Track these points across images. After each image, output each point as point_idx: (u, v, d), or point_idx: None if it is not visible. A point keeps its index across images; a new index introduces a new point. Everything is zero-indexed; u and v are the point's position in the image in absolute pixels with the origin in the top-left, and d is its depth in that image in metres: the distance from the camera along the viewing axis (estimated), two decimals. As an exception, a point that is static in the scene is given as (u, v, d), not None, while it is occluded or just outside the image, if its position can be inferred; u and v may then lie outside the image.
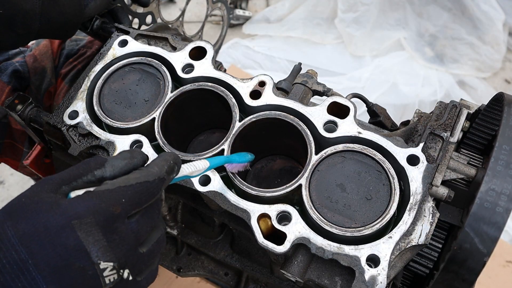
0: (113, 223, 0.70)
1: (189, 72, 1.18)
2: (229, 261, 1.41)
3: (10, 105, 1.26)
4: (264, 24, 3.77)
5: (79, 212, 0.68)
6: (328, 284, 0.96)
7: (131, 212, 0.73)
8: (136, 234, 0.74)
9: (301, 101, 1.17)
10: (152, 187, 0.76)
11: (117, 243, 0.70)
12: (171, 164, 0.81)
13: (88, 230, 0.68)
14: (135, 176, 0.76)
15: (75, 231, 0.67)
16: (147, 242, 0.78)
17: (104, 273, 0.68)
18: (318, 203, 0.99)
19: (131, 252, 0.73)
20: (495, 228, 0.86)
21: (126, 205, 0.72)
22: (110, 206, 0.70)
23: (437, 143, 1.04)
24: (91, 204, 0.70)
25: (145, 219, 0.76)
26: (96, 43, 1.60)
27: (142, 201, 0.74)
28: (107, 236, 0.69)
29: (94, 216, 0.69)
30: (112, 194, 0.72)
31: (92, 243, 0.68)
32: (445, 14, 3.51)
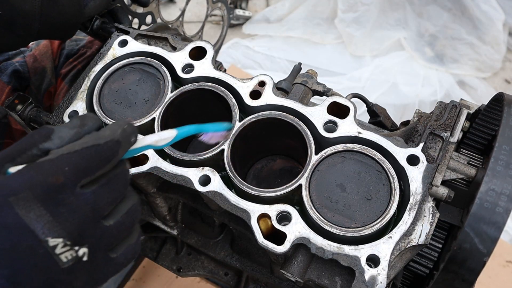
0: (57, 195, 0.63)
1: (189, 72, 1.18)
2: (229, 261, 1.41)
3: (10, 105, 1.26)
4: (264, 24, 3.77)
5: (14, 188, 0.62)
6: (328, 284, 0.96)
7: (80, 181, 0.65)
8: (92, 206, 0.66)
9: (301, 101, 1.17)
10: (104, 150, 0.67)
11: (65, 216, 0.63)
12: (125, 128, 0.72)
13: (27, 205, 0.61)
14: (82, 141, 0.68)
15: (13, 208, 0.61)
16: (114, 214, 0.70)
17: (56, 250, 0.62)
18: (318, 203, 0.99)
19: (87, 225, 0.66)
20: (495, 228, 0.86)
21: (70, 174, 0.64)
22: (49, 177, 0.63)
23: (437, 143, 1.04)
24: (27, 177, 0.63)
25: (105, 189, 0.68)
26: (96, 43, 1.60)
27: (93, 167, 0.66)
28: (50, 210, 0.62)
29: (31, 190, 0.62)
30: (53, 164, 0.64)
31: (34, 219, 0.61)
32: (445, 14, 3.51)
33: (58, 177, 0.63)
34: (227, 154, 1.07)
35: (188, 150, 1.33)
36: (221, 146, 1.08)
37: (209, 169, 1.06)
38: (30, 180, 0.62)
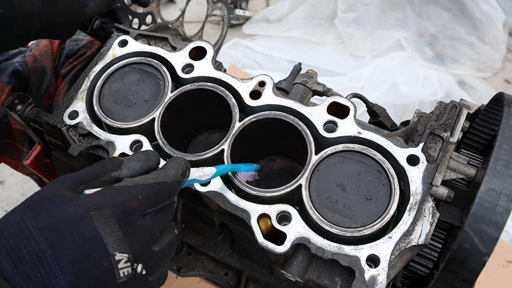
0: (129, 217, 0.73)
1: (189, 72, 1.18)
2: (229, 261, 1.41)
3: (10, 105, 1.26)
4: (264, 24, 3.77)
5: (97, 204, 0.71)
6: (328, 284, 0.96)
7: (146, 210, 0.75)
8: (150, 231, 0.76)
9: (301, 101, 1.17)
10: (170, 188, 0.79)
11: (132, 236, 0.72)
12: (183, 167, 0.84)
13: (106, 221, 0.70)
14: (153, 176, 0.79)
15: (93, 221, 0.69)
16: (160, 242, 0.80)
17: (119, 264, 0.70)
18: (318, 203, 0.99)
19: (145, 247, 0.75)
20: (495, 228, 0.86)
21: (142, 202, 0.74)
22: (127, 200, 0.73)
23: (437, 143, 1.04)
24: (109, 197, 0.72)
25: (159, 218, 0.78)
26: (96, 43, 1.60)
27: (159, 200, 0.77)
28: (123, 228, 0.71)
29: (112, 208, 0.71)
30: (130, 190, 0.74)
31: (108, 234, 0.70)
32: (445, 14, 3.51)
33: (133, 202, 0.73)
34: (227, 154, 1.06)
35: (188, 150, 1.33)
36: (221, 146, 1.08)
37: (209, 169, 1.06)
38: (111, 200, 0.72)
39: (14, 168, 1.62)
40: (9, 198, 3.04)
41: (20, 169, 1.61)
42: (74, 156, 1.17)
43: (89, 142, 1.16)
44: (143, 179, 0.77)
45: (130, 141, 1.12)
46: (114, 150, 1.11)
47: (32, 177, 1.90)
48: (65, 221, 0.69)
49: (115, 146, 1.12)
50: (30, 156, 1.40)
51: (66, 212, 0.70)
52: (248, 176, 1.08)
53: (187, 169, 0.85)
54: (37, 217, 0.69)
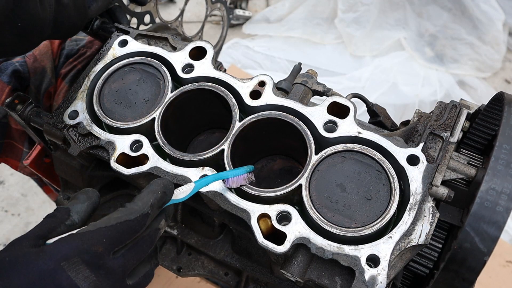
0: (98, 261, 0.76)
1: (189, 72, 1.18)
2: (229, 261, 1.41)
3: (10, 105, 1.26)
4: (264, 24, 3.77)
5: (65, 254, 0.74)
6: (328, 284, 0.96)
7: (114, 249, 0.78)
8: (123, 268, 0.79)
9: (301, 101, 1.17)
10: (134, 224, 0.80)
11: (103, 276, 0.76)
12: (158, 195, 0.84)
13: (77, 269, 0.74)
14: (116, 215, 0.81)
15: (66, 271, 0.72)
16: (135, 275, 0.83)
17: None
18: (318, 203, 0.99)
19: (117, 284, 0.78)
20: (495, 228, 0.86)
21: (107, 244, 0.77)
22: (92, 246, 0.76)
23: (437, 143, 1.04)
24: (75, 245, 0.75)
25: (131, 253, 0.81)
26: (96, 43, 1.60)
27: (124, 239, 0.79)
28: (94, 272, 0.75)
29: (79, 256, 0.74)
30: (93, 235, 0.77)
31: (82, 279, 0.73)
32: (445, 14, 3.51)
33: (99, 247, 0.76)
34: (227, 154, 1.06)
35: (188, 150, 1.33)
36: (221, 146, 1.08)
37: (209, 169, 1.06)
38: (77, 248, 0.75)
39: (14, 168, 1.62)
40: (9, 198, 3.04)
41: (20, 169, 1.61)
42: (74, 156, 1.17)
43: (89, 142, 1.16)
44: (106, 221, 0.80)
45: (130, 141, 1.12)
46: (114, 150, 1.11)
47: (32, 177, 1.90)
48: (40, 278, 0.71)
49: (115, 146, 1.12)
50: (30, 156, 1.40)
51: (37, 268, 0.72)
52: (240, 181, 1.01)
53: (164, 196, 0.86)
54: (10, 282, 0.70)
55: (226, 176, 1.00)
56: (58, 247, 0.75)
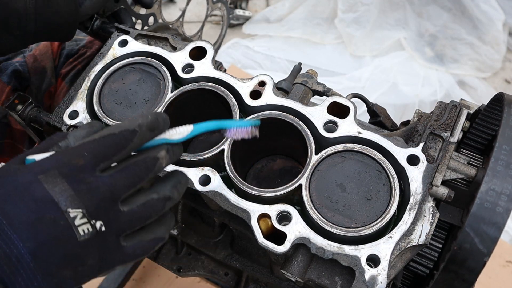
0: (78, 174, 0.71)
1: (189, 72, 1.18)
2: (229, 261, 1.41)
3: (10, 105, 1.26)
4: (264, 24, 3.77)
5: (44, 167, 0.70)
6: (328, 284, 0.96)
7: (99, 165, 0.73)
8: (109, 188, 0.72)
9: (301, 101, 1.17)
10: (118, 139, 0.75)
11: (84, 192, 0.70)
12: (149, 118, 0.78)
13: (54, 181, 0.69)
14: (100, 132, 0.76)
15: (42, 184, 0.69)
16: (130, 202, 0.75)
17: (75, 221, 0.68)
18: (318, 203, 0.99)
19: (104, 203, 0.71)
20: (495, 228, 0.86)
21: (89, 158, 0.72)
22: (72, 159, 0.71)
23: (437, 143, 1.04)
24: (54, 159, 0.72)
25: (121, 174, 0.74)
26: (96, 43, 1.60)
27: (108, 153, 0.74)
28: (73, 185, 0.70)
29: (58, 169, 0.70)
30: (74, 150, 0.73)
31: (58, 192, 0.69)
32: (445, 14, 3.52)
33: (79, 160, 0.71)
34: (227, 154, 1.07)
35: (188, 150, 1.33)
36: (221, 146, 1.08)
37: (209, 169, 1.06)
38: (56, 161, 0.71)
39: (14, 168, 1.61)
40: (9, 198, 3.04)
41: (20, 169, 1.61)
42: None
43: (89, 142, 1.16)
44: (90, 138, 0.75)
45: (130, 141, 1.12)
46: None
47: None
48: (15, 189, 0.69)
49: (115, 146, 1.12)
50: (30, 156, 1.39)
51: (14, 180, 0.69)
52: (243, 133, 0.93)
53: (155, 121, 0.79)
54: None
55: (229, 125, 0.92)
56: (39, 162, 0.72)
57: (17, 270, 0.66)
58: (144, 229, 0.78)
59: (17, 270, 0.66)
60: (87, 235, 0.69)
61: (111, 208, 0.72)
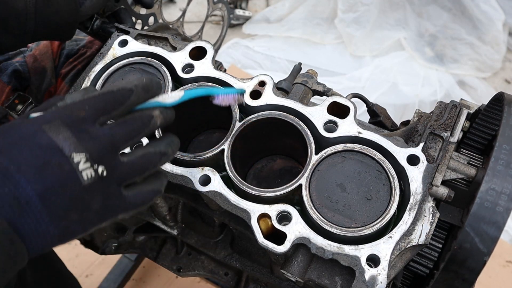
0: (80, 124, 0.76)
1: (189, 72, 1.18)
2: (229, 261, 1.41)
3: (10, 105, 1.26)
4: (264, 24, 3.77)
5: (47, 118, 0.76)
6: (328, 284, 0.96)
7: (98, 118, 0.79)
8: (110, 139, 0.78)
9: (301, 101, 1.17)
10: (117, 95, 0.81)
11: (87, 140, 0.76)
12: (144, 82, 0.84)
13: (57, 130, 0.74)
14: (99, 90, 0.83)
15: (46, 132, 0.74)
16: (130, 154, 0.81)
17: (79, 166, 0.73)
18: (318, 203, 0.99)
19: (105, 151, 0.77)
20: (495, 228, 0.86)
21: (90, 111, 0.78)
22: (74, 111, 0.78)
23: (437, 143, 1.04)
24: (57, 112, 0.78)
25: (120, 127, 0.80)
26: (96, 43, 1.60)
27: (108, 108, 0.80)
28: (75, 134, 0.75)
29: (61, 119, 0.76)
30: (76, 104, 0.79)
31: (62, 140, 0.74)
32: (445, 14, 3.52)
33: (81, 112, 0.78)
34: (227, 154, 1.07)
35: (188, 150, 1.33)
36: (221, 146, 1.08)
37: (209, 169, 1.06)
38: (59, 113, 0.77)
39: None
40: (9, 198, 3.04)
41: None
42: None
43: (89, 142, 1.15)
44: (90, 95, 0.81)
45: (130, 141, 1.12)
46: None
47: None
48: (21, 138, 0.73)
49: (115, 146, 1.12)
50: (30, 156, 1.39)
51: (20, 130, 0.74)
52: (230, 100, 1.01)
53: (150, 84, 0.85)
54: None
55: (217, 92, 1.00)
56: (42, 115, 0.77)
57: (26, 212, 0.70)
58: (144, 182, 0.84)
59: (26, 212, 0.70)
60: (90, 179, 0.74)
61: (111, 157, 0.78)
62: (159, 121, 0.86)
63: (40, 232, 0.72)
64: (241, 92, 1.04)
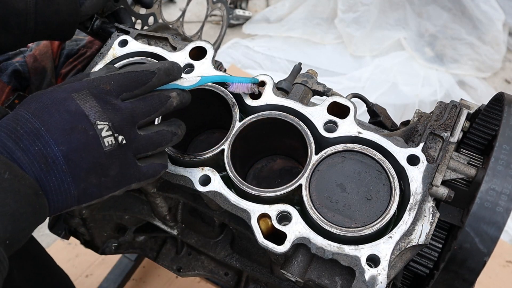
0: (106, 96, 0.84)
1: (189, 72, 1.18)
2: (229, 261, 1.41)
3: (10, 105, 1.26)
4: (264, 24, 3.77)
5: (76, 88, 0.83)
6: (328, 284, 0.96)
7: (122, 94, 0.86)
8: (130, 111, 0.85)
9: (301, 101, 1.17)
10: (140, 75, 0.88)
11: (110, 110, 0.83)
12: (166, 65, 0.93)
13: (85, 99, 0.82)
14: (125, 69, 0.91)
15: (75, 100, 0.81)
16: (146, 129, 0.89)
17: (102, 133, 0.81)
18: (318, 203, 0.99)
19: (125, 123, 0.84)
20: (495, 228, 0.86)
21: (114, 85, 0.86)
22: (101, 84, 0.85)
23: (437, 143, 1.04)
24: (85, 83, 0.85)
25: (140, 102, 0.88)
26: (96, 43, 1.60)
27: (131, 85, 0.87)
28: (101, 104, 0.83)
29: (88, 89, 0.83)
30: (103, 78, 0.87)
31: (89, 108, 0.81)
32: (445, 14, 3.52)
33: (107, 85, 0.85)
34: (227, 154, 1.07)
35: (188, 150, 1.33)
36: (221, 146, 1.08)
37: (209, 169, 1.06)
38: (87, 84, 0.85)
39: (14, 168, 1.61)
40: (9, 198, 3.04)
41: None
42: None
43: (89, 142, 1.15)
44: (116, 72, 0.89)
45: (130, 141, 1.12)
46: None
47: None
48: (52, 103, 0.81)
49: (115, 146, 1.12)
50: (30, 156, 1.39)
51: (51, 96, 0.82)
52: (243, 88, 1.07)
53: (172, 68, 0.94)
54: (28, 106, 0.81)
55: (231, 80, 1.06)
56: (71, 84, 0.85)
57: (51, 170, 0.77)
58: (153, 156, 0.92)
59: (52, 170, 0.77)
60: (111, 146, 0.82)
61: (131, 128, 0.85)
62: (175, 102, 0.94)
63: (62, 190, 0.78)
64: (255, 82, 1.09)
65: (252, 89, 1.08)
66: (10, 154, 0.75)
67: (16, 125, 0.78)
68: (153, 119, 0.91)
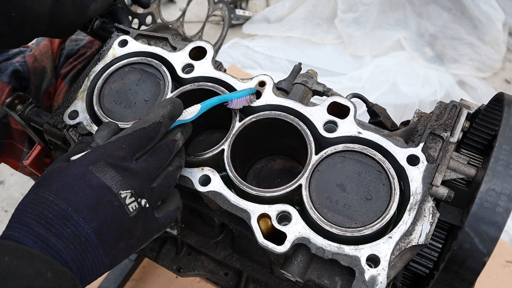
0: (122, 163, 0.85)
1: (189, 72, 1.18)
2: (229, 261, 1.41)
3: (10, 105, 1.26)
4: (264, 24, 3.77)
5: (92, 160, 0.84)
6: (328, 284, 0.96)
7: (135, 155, 0.88)
8: (147, 171, 0.88)
9: (301, 101, 1.17)
10: (148, 131, 0.90)
11: (129, 177, 0.85)
12: (167, 108, 0.94)
13: (103, 170, 0.83)
14: (132, 126, 0.91)
15: (94, 173, 0.82)
16: (157, 178, 0.92)
17: (126, 200, 0.83)
18: (318, 203, 0.99)
19: (144, 184, 0.87)
20: (495, 228, 0.86)
21: (127, 149, 0.87)
22: (114, 151, 0.86)
23: (437, 143, 1.04)
24: (99, 153, 0.86)
25: (152, 158, 0.90)
26: (96, 43, 1.60)
27: (142, 144, 0.89)
28: (120, 172, 0.84)
29: (105, 160, 0.84)
30: (114, 143, 0.88)
31: (109, 179, 0.83)
32: (445, 14, 3.51)
33: (120, 152, 0.87)
34: (227, 154, 1.07)
35: (188, 150, 1.33)
36: (221, 146, 1.08)
37: (209, 169, 1.06)
38: (101, 155, 0.85)
39: (14, 168, 1.62)
40: (9, 198, 3.04)
41: (20, 169, 1.61)
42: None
43: (89, 142, 1.16)
44: (124, 132, 0.90)
45: (130, 141, 1.12)
46: (114, 150, 1.11)
47: (32, 177, 1.90)
48: (73, 180, 0.81)
49: (115, 146, 1.12)
50: (30, 156, 1.40)
51: (70, 173, 0.82)
52: (243, 102, 1.08)
53: (174, 109, 0.95)
54: (49, 187, 0.81)
55: (230, 97, 1.07)
56: (85, 156, 0.86)
57: (86, 248, 0.79)
58: (166, 202, 0.96)
59: (86, 248, 0.79)
60: (135, 211, 0.84)
61: (149, 187, 0.88)
62: (181, 142, 0.97)
63: (96, 263, 0.80)
64: (252, 92, 1.10)
65: (251, 100, 1.10)
66: (45, 242, 0.76)
67: (43, 210, 0.78)
68: (164, 167, 0.94)
